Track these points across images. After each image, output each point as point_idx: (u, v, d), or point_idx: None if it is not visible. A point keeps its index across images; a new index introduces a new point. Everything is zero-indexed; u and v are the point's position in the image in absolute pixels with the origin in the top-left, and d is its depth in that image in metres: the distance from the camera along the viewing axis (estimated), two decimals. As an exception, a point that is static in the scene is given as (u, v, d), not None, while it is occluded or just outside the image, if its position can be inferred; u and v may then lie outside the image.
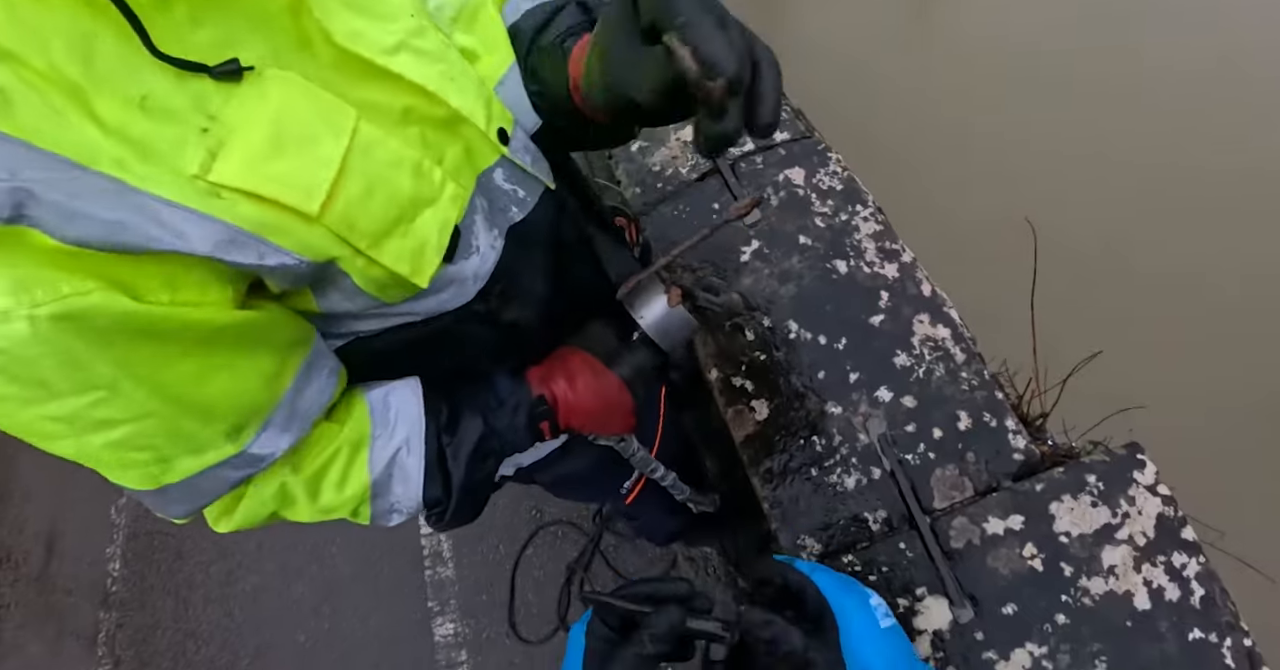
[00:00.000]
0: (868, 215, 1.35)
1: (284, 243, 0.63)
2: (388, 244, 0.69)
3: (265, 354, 0.70)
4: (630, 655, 0.69)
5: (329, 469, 0.80)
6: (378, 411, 0.83)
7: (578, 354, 0.96)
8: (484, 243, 0.79)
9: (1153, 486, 1.12)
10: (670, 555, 2.43)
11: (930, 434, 1.16)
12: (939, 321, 1.24)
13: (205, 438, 0.69)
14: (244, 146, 0.60)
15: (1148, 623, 1.04)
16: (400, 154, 0.70)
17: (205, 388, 0.66)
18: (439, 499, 0.87)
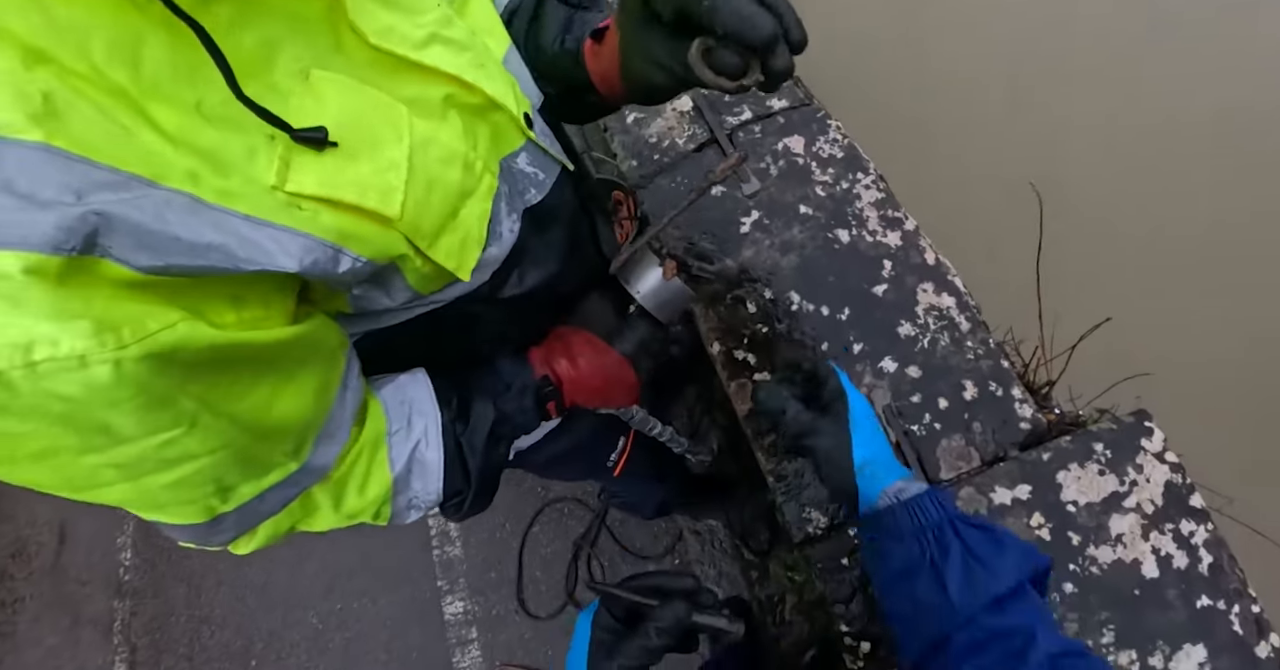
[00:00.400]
0: (869, 183, 1.32)
1: (362, 250, 0.61)
2: (441, 241, 0.68)
3: (318, 365, 0.68)
4: (636, 647, 0.71)
5: (352, 472, 0.77)
6: (392, 407, 0.81)
7: (578, 333, 0.95)
8: (504, 227, 0.78)
9: (1160, 454, 1.11)
10: (676, 529, 2.43)
11: (936, 404, 1.15)
12: (943, 290, 1.22)
13: (272, 459, 0.66)
14: (315, 153, 0.57)
15: (1156, 591, 1.03)
16: (451, 148, 0.68)
17: (275, 410, 0.63)
18: (459, 489, 0.85)
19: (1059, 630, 0.70)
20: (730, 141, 1.37)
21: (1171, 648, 1.01)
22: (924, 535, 0.73)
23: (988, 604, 0.68)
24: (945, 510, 0.75)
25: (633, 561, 2.45)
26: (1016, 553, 0.71)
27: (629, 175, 1.42)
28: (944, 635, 0.69)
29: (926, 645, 0.71)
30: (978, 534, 0.73)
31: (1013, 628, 0.66)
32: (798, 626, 2.20)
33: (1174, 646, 1.01)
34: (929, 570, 0.72)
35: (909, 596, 0.73)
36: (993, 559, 0.70)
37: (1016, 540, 0.74)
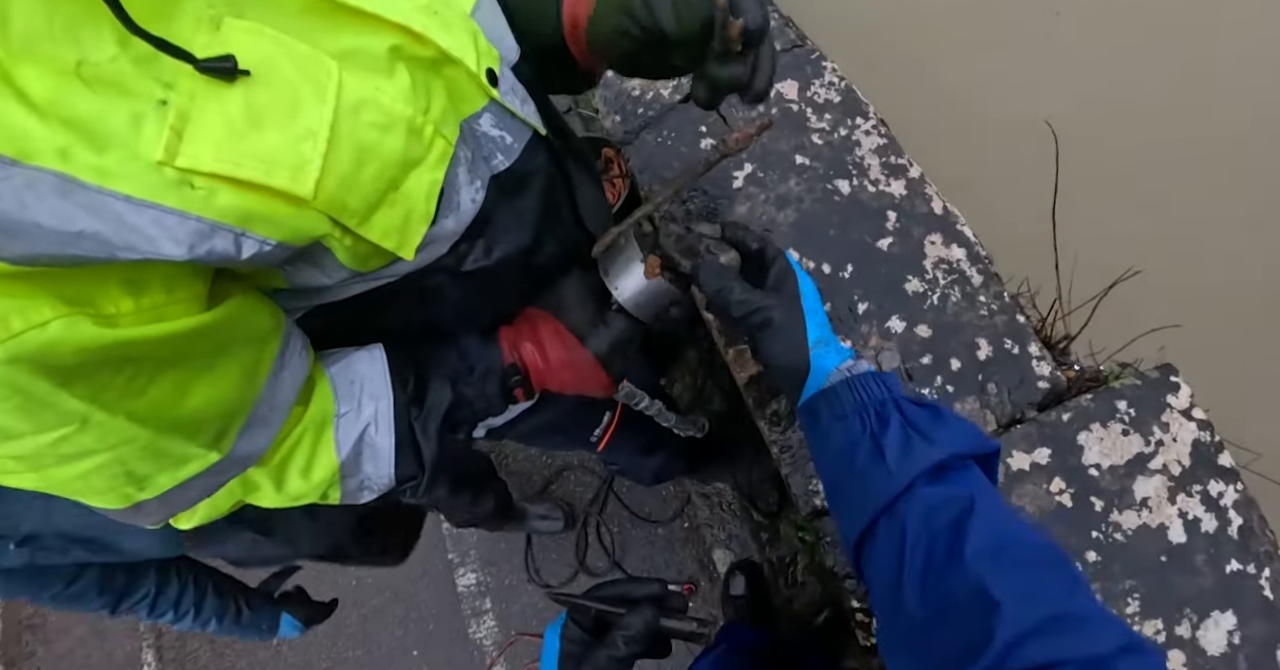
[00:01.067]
0: (869, 129, 1.23)
1: (270, 233, 0.54)
2: (376, 218, 0.61)
3: (241, 350, 0.62)
4: (604, 657, 0.70)
5: (294, 455, 0.72)
6: (341, 386, 0.75)
7: (549, 322, 0.87)
8: (465, 197, 0.70)
9: (1187, 410, 1.05)
10: (684, 493, 2.40)
11: (948, 365, 1.08)
12: (952, 241, 1.14)
13: (187, 451, 0.62)
14: (216, 122, 0.50)
15: (1183, 556, 0.99)
16: (392, 112, 0.60)
17: (185, 402, 0.58)
18: (413, 474, 0.80)
19: (1004, 503, 0.68)
20: (720, 89, 1.28)
21: (1199, 615, 0.97)
22: (865, 411, 0.71)
23: (926, 471, 0.66)
24: (889, 389, 0.73)
25: (642, 526, 2.43)
26: (958, 426, 0.70)
27: (612, 132, 1.34)
28: (882, 506, 0.67)
29: (866, 519, 0.69)
30: (919, 409, 0.71)
31: (951, 495, 0.64)
32: (810, 587, 2.18)
33: (1202, 614, 0.97)
34: (869, 441, 0.70)
35: (848, 470, 0.71)
36: (932, 429, 0.68)
37: (961, 420, 0.72)
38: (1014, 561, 0.59)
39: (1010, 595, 0.55)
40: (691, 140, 1.27)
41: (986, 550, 0.59)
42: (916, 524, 0.64)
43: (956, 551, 0.59)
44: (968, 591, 0.57)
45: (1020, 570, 0.58)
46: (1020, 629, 0.53)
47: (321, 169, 0.54)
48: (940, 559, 0.61)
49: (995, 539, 0.60)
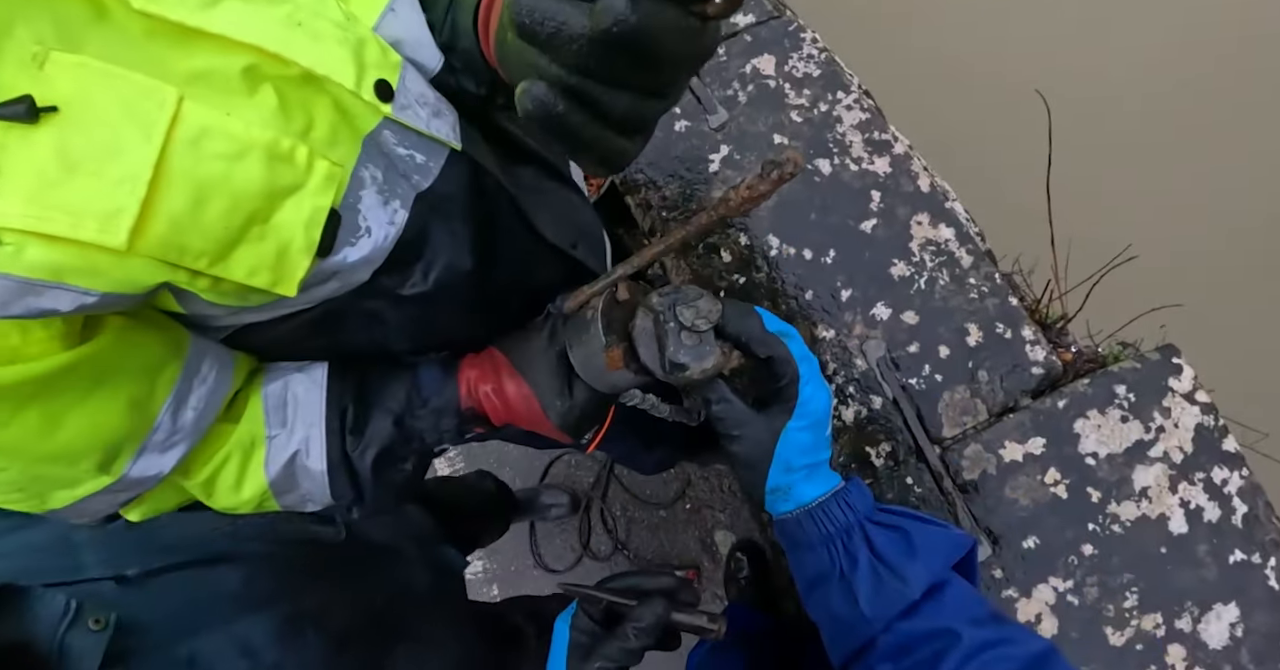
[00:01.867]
0: (851, 102, 1.17)
1: (91, 284, 0.50)
2: (236, 255, 0.55)
3: (125, 381, 0.59)
4: (614, 648, 0.69)
5: (221, 473, 0.71)
6: (273, 409, 0.72)
7: (514, 380, 0.80)
8: (378, 219, 0.64)
9: (1190, 394, 1.01)
10: (684, 475, 2.37)
11: (936, 353, 1.03)
12: (940, 220, 1.09)
13: (73, 475, 0.61)
14: (26, 171, 0.46)
15: (1184, 547, 0.96)
16: (244, 139, 0.54)
17: (55, 435, 0.56)
18: (349, 498, 0.78)
19: (986, 608, 0.67)
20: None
21: (1200, 609, 0.94)
22: (832, 544, 0.69)
23: (902, 611, 0.65)
24: (854, 512, 0.70)
25: (644, 509, 2.41)
26: (930, 551, 0.68)
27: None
28: (861, 645, 0.67)
29: (847, 653, 0.69)
30: (887, 536, 0.69)
31: (931, 631, 0.64)
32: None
33: (1203, 607, 0.94)
34: (839, 582, 0.69)
35: (824, 606, 0.70)
36: (902, 565, 0.67)
37: (929, 532, 0.69)
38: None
39: None
40: (665, 123, 1.20)
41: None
42: (898, 660, 0.64)
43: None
44: None
45: None
46: None
47: (139, 215, 0.49)
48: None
49: (979, 665, 0.61)
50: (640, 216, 1.18)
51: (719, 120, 1.18)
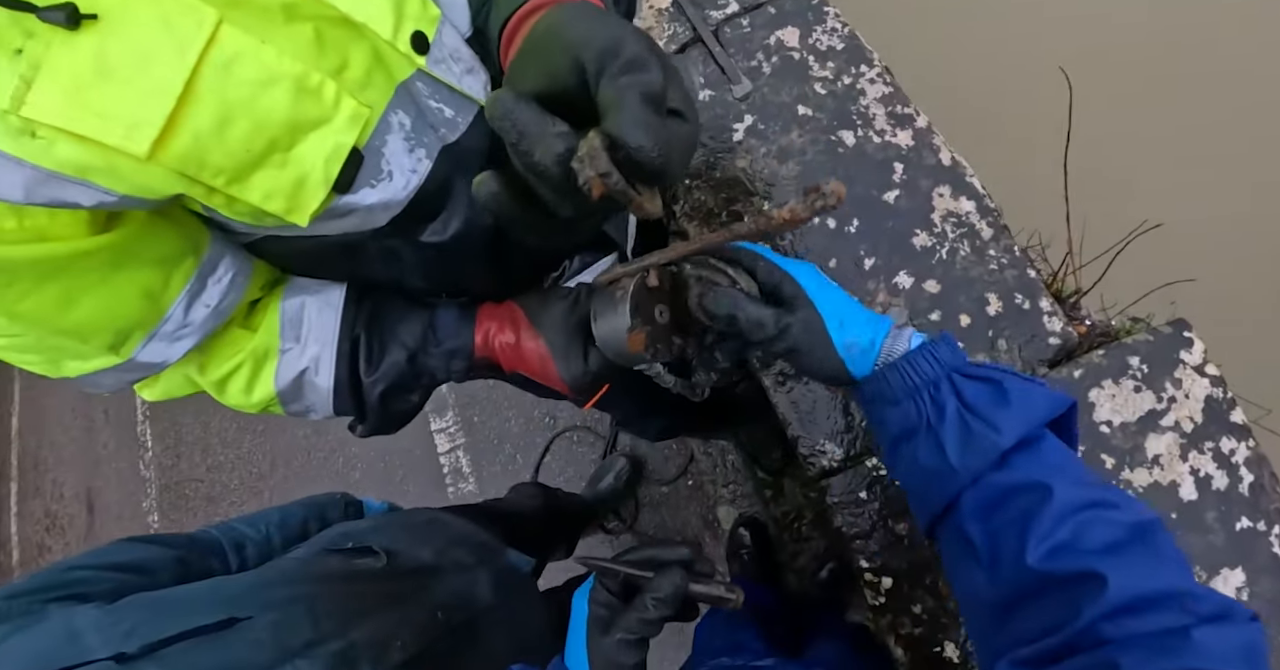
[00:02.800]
0: (874, 77, 1.18)
1: (112, 185, 0.54)
2: (254, 179, 0.58)
3: (141, 270, 0.63)
4: (633, 619, 0.68)
5: (234, 377, 0.77)
6: (288, 324, 0.77)
7: (532, 339, 0.82)
8: (401, 166, 0.67)
9: (1201, 366, 1.02)
10: (687, 451, 2.39)
11: (956, 321, 1.05)
12: (961, 194, 1.10)
13: (85, 350, 0.66)
14: (65, 72, 0.50)
15: (1194, 514, 0.98)
16: (274, 68, 0.56)
17: (71, 312, 0.61)
18: (353, 418, 0.84)
19: (1086, 471, 0.64)
20: (716, 38, 1.23)
21: (1209, 573, 0.96)
22: (919, 395, 0.66)
23: (994, 461, 0.62)
24: (940, 364, 0.66)
25: (646, 485, 2.43)
26: (1024, 402, 0.64)
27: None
28: (949, 500, 0.64)
29: (935, 510, 0.66)
30: (977, 387, 0.65)
31: (1022, 483, 0.60)
32: (815, 542, 2.19)
33: (1211, 571, 0.96)
34: (926, 433, 0.65)
35: (911, 461, 0.67)
36: (993, 412, 0.63)
37: (1024, 384, 0.65)
38: (1090, 551, 0.56)
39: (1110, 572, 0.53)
40: (689, 91, 1.21)
41: (1067, 536, 0.56)
42: (988, 516, 0.61)
43: (1034, 541, 0.57)
44: (1047, 579, 0.55)
45: (1101, 557, 0.55)
46: (1104, 609, 0.51)
47: (163, 128, 0.52)
48: (1013, 551, 0.58)
49: (1076, 525, 0.57)
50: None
51: (743, 90, 1.19)
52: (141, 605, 0.76)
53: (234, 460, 3.30)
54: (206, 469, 3.38)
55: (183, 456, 3.50)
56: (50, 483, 4.04)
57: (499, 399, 2.71)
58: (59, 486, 3.99)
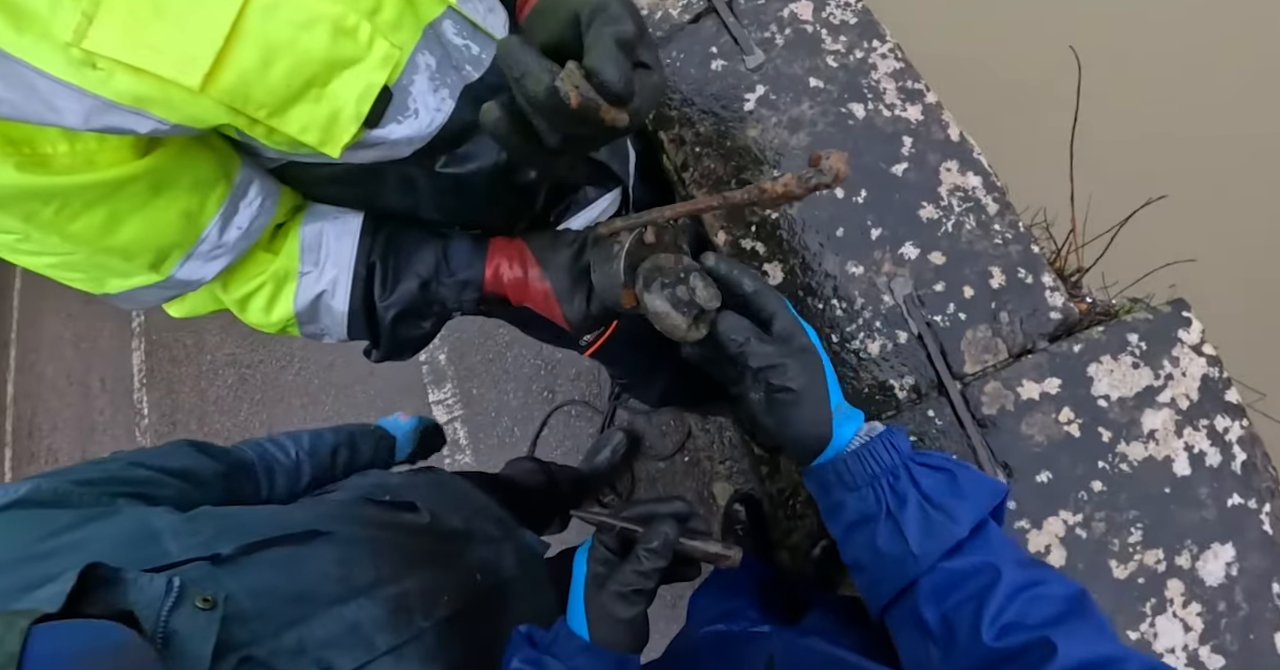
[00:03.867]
0: (886, 52, 1.19)
1: (166, 115, 0.58)
2: (293, 112, 0.63)
3: (180, 194, 0.68)
4: (628, 572, 0.68)
5: (255, 296, 0.82)
6: (308, 249, 0.81)
7: (539, 277, 0.86)
8: (426, 104, 0.71)
9: (1198, 346, 1.04)
10: (685, 427, 2.40)
11: (960, 293, 1.06)
12: (968, 169, 1.11)
13: (128, 268, 0.71)
14: (123, 9, 0.53)
15: (1187, 489, 0.99)
16: (315, 10, 0.60)
17: (117, 233, 0.66)
18: (368, 344, 0.89)
19: (1020, 552, 0.69)
20: (730, 9, 1.23)
21: (1200, 547, 0.98)
22: (879, 483, 0.69)
23: (949, 549, 0.66)
24: (899, 453, 0.69)
25: (643, 460, 2.44)
26: (975, 492, 0.68)
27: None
28: (906, 584, 0.67)
29: (890, 594, 0.69)
30: (933, 478, 0.69)
31: (975, 567, 0.64)
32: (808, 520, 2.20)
33: (1202, 545, 0.98)
34: (886, 520, 0.68)
35: (868, 546, 0.69)
36: (951, 504, 0.67)
37: (971, 475, 0.70)
38: (1037, 625, 0.59)
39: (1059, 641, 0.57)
40: (701, 62, 1.22)
41: (1015, 615, 0.60)
42: (942, 599, 0.64)
43: (987, 621, 0.60)
44: (1001, 655, 0.59)
45: (1049, 628, 0.59)
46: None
47: (213, 63, 0.56)
48: (968, 630, 0.61)
49: (1022, 603, 0.61)
50: (673, 151, 1.20)
51: (755, 61, 1.19)
52: (214, 518, 0.76)
53: (230, 428, 3.31)
54: (203, 437, 3.38)
55: (179, 424, 3.51)
56: (45, 450, 4.05)
57: (498, 372, 2.72)
58: (54, 453, 3.99)
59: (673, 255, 0.79)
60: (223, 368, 3.48)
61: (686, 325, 0.73)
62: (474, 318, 1.01)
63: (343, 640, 0.71)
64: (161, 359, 3.76)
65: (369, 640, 0.74)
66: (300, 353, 3.24)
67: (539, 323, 0.96)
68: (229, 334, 3.51)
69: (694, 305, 0.74)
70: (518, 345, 2.71)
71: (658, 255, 0.78)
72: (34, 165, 0.57)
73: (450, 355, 2.83)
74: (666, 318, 0.73)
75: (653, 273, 0.76)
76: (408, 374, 2.84)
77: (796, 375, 0.70)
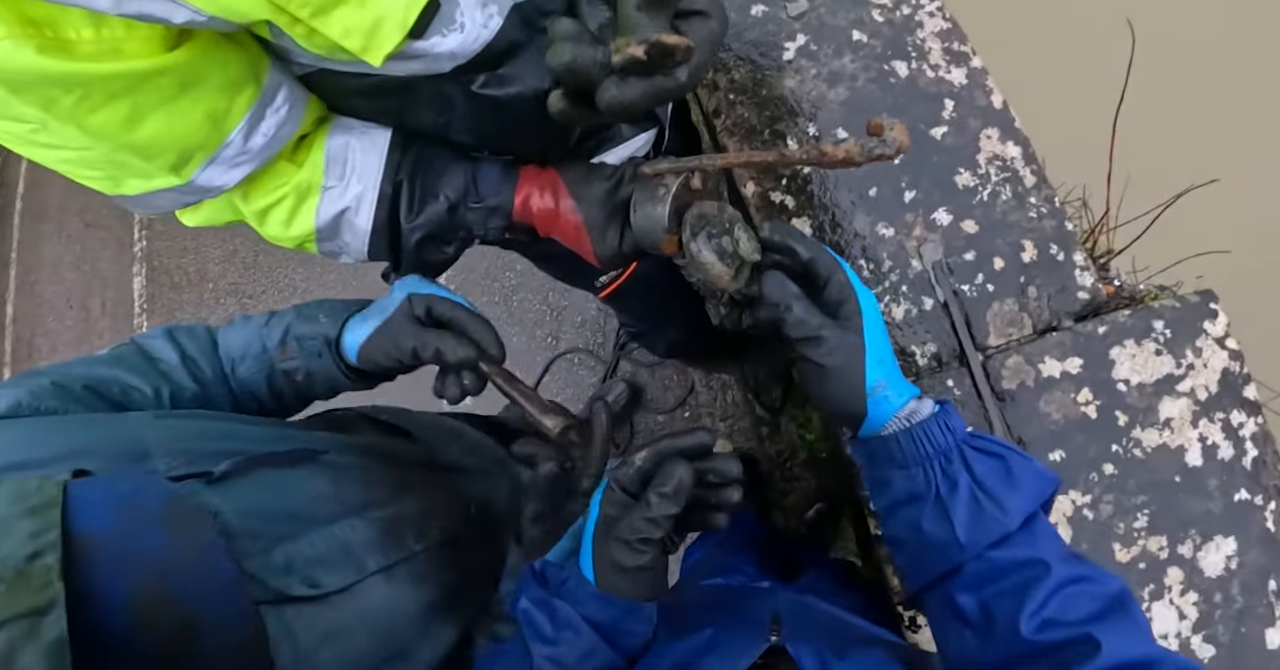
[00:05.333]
0: (934, 10, 1.14)
1: (204, 5, 0.55)
2: (337, 13, 0.60)
3: (206, 93, 0.65)
4: (637, 519, 0.62)
5: (276, 208, 0.79)
6: (333, 162, 0.78)
7: (571, 209, 0.82)
8: (474, 19, 0.67)
9: (1222, 339, 1.02)
10: (688, 382, 2.39)
11: (990, 264, 1.04)
12: (1009, 139, 1.08)
13: (148, 169, 0.68)
14: None
15: (1196, 479, 0.98)
16: None
17: (138, 130, 0.63)
18: (388, 265, 0.87)
19: (1063, 543, 0.67)
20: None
21: (1203, 538, 0.97)
22: (930, 465, 0.66)
23: (997, 540, 0.64)
24: (954, 435, 0.67)
25: (643, 413, 2.44)
26: (1027, 483, 0.65)
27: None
28: (948, 570, 0.65)
29: (930, 577, 0.68)
30: (987, 464, 0.66)
31: (1022, 561, 0.62)
32: (805, 482, 2.21)
33: (1205, 537, 0.97)
34: (935, 503, 0.66)
35: (912, 526, 0.68)
36: (1003, 494, 0.64)
37: (1027, 466, 0.67)
38: (1079, 621, 0.58)
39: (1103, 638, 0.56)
40: (742, 6, 1.17)
41: (1056, 611, 0.59)
42: (981, 588, 0.63)
43: (1027, 614, 0.59)
44: (1040, 647, 0.58)
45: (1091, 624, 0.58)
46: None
47: None
48: (1007, 621, 0.60)
49: (1064, 598, 0.60)
50: (706, 97, 1.16)
51: (799, 9, 1.15)
52: (207, 430, 0.74)
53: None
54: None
55: (178, 349, 3.49)
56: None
57: (502, 314, 2.69)
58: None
59: (716, 203, 0.77)
60: (224, 297, 3.46)
61: (729, 276, 0.72)
62: (480, 259, 1.00)
63: (331, 558, 0.70)
64: (163, 285, 3.74)
65: (359, 560, 0.72)
66: (304, 285, 3.21)
67: (555, 258, 0.94)
68: (232, 263, 3.48)
69: (737, 256, 0.73)
70: (524, 289, 2.69)
71: (702, 202, 0.76)
72: (56, 49, 0.54)
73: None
74: (712, 268, 0.71)
75: (700, 221, 0.74)
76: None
77: (830, 351, 0.68)
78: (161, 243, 3.81)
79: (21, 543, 0.42)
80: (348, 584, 0.69)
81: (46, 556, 0.42)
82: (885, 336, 0.71)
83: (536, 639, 0.65)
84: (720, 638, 0.68)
